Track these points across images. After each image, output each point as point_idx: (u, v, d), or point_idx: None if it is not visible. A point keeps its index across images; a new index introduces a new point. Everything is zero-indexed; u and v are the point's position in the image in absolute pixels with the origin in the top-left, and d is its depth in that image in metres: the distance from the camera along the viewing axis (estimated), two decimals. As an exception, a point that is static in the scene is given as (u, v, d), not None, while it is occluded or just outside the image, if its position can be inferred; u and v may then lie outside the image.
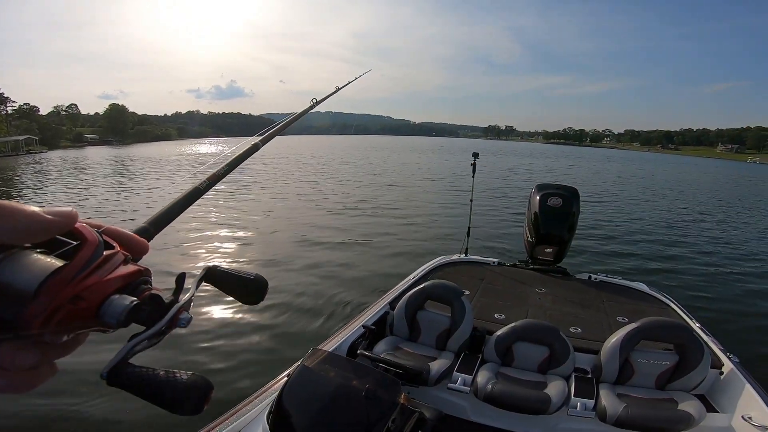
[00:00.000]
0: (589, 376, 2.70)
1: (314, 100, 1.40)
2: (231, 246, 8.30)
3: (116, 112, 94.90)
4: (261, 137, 0.91)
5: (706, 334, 3.11)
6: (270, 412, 1.82)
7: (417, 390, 2.58)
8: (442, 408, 2.14)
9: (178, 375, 0.36)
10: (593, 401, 2.44)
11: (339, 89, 1.66)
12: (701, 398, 2.57)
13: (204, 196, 0.64)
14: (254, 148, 0.85)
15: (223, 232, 9.31)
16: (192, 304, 0.41)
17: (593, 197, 17.38)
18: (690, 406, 2.36)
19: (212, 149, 59.17)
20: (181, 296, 0.41)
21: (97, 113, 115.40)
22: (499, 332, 2.86)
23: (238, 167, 0.75)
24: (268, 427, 1.75)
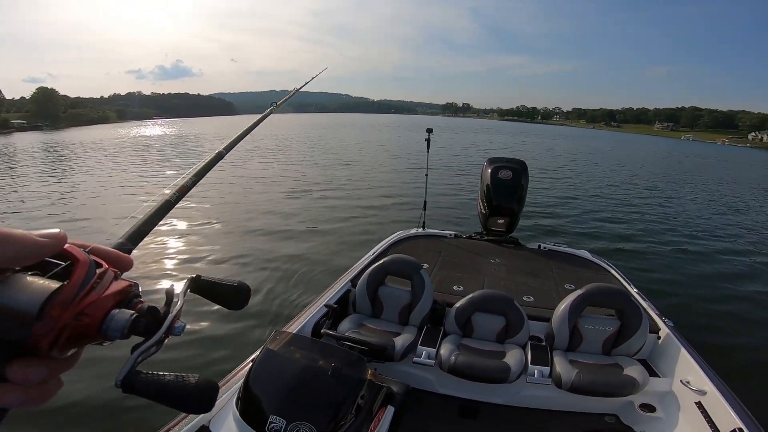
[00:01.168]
0: (543, 343, 2.85)
1: (274, 104, 1.48)
2: (189, 239, 7.84)
3: (44, 95, 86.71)
4: (224, 146, 0.96)
5: (644, 299, 3.29)
6: (238, 398, 1.79)
7: (383, 366, 2.63)
8: (409, 382, 2.20)
9: (186, 378, 0.41)
10: (549, 368, 2.58)
11: (298, 90, 1.81)
12: (643, 363, 2.74)
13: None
14: (218, 157, 0.90)
15: (180, 225, 8.78)
16: (181, 313, 0.44)
17: (545, 172, 18.28)
18: (634, 371, 2.54)
19: (156, 131, 55.14)
20: (171, 307, 0.44)
21: (23, 98, 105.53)
22: (458, 304, 2.93)
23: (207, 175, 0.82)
24: (237, 412, 1.73)
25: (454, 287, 3.45)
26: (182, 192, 0.72)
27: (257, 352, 1.94)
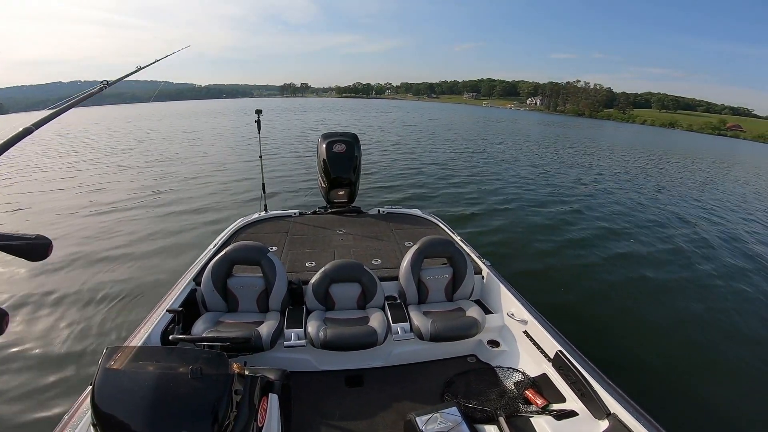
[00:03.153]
0: (398, 301, 3.06)
1: (105, 82, 1.39)
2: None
3: None
4: (34, 122, 0.83)
5: (465, 245, 3.76)
6: (94, 425, 1.52)
7: (256, 357, 2.56)
8: (287, 366, 2.15)
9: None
10: (408, 324, 2.79)
11: (141, 68, 1.78)
12: (478, 303, 3.14)
13: None
14: (25, 133, 0.77)
15: None
16: None
17: (380, 142, 19.78)
18: (474, 312, 2.89)
19: None
20: None
21: None
22: (313, 280, 2.96)
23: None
24: None
25: (306, 264, 3.48)
26: None
27: (95, 375, 1.63)
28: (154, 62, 1.94)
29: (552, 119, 77.22)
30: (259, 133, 4.83)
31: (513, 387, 2.53)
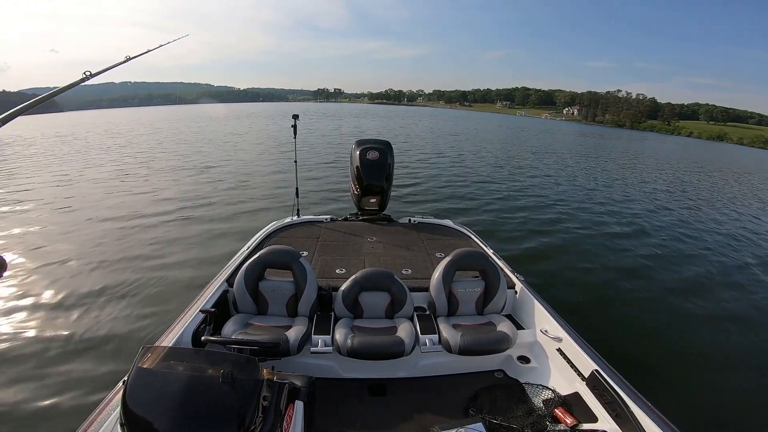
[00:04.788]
0: (427, 313, 3.01)
1: (88, 72, 1.27)
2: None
3: None
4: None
5: (499, 259, 3.67)
6: (122, 424, 1.53)
7: (281, 362, 2.54)
8: (312, 373, 2.14)
9: None
10: (437, 336, 2.74)
11: (130, 58, 1.60)
12: (510, 318, 3.08)
13: None
14: None
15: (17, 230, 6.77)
16: None
17: (416, 149, 19.70)
18: (505, 326, 2.81)
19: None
20: None
21: None
22: (343, 287, 2.94)
23: None
24: None
25: (336, 270, 3.46)
26: None
27: (128, 374, 1.65)
28: (147, 52, 1.90)
29: (591, 130, 74.67)
30: (294, 137, 4.87)
31: (542, 404, 2.45)
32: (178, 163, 15.19)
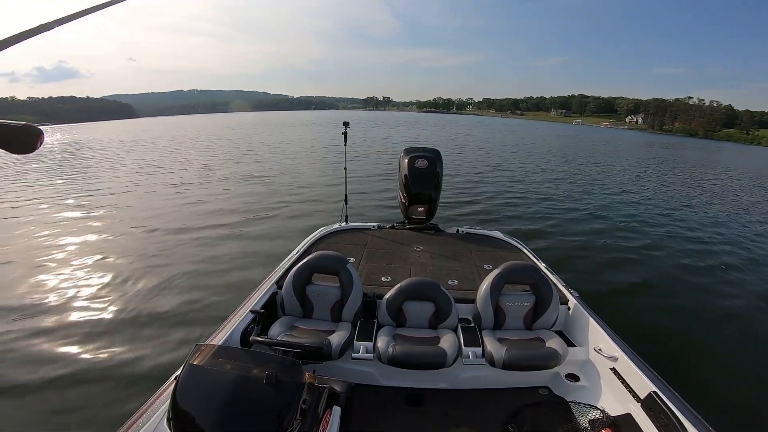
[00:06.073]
0: (472, 325, 2.94)
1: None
2: (94, 242, 6.86)
3: None
4: None
5: (551, 273, 3.52)
6: (169, 419, 1.62)
7: (322, 366, 2.57)
8: (351, 378, 2.12)
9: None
10: (481, 349, 2.67)
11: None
12: (560, 334, 2.94)
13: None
14: None
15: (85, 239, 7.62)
16: None
17: (469, 159, 19.38)
18: (554, 343, 2.70)
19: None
20: None
21: None
22: (388, 295, 2.93)
23: None
24: None
25: (382, 278, 3.46)
26: None
27: (180, 369, 1.75)
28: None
29: (660, 139, 69.02)
30: (345, 144, 4.95)
31: (587, 425, 2.35)
32: (231, 170, 16.09)
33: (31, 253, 6.63)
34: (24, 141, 0.49)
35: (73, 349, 4.05)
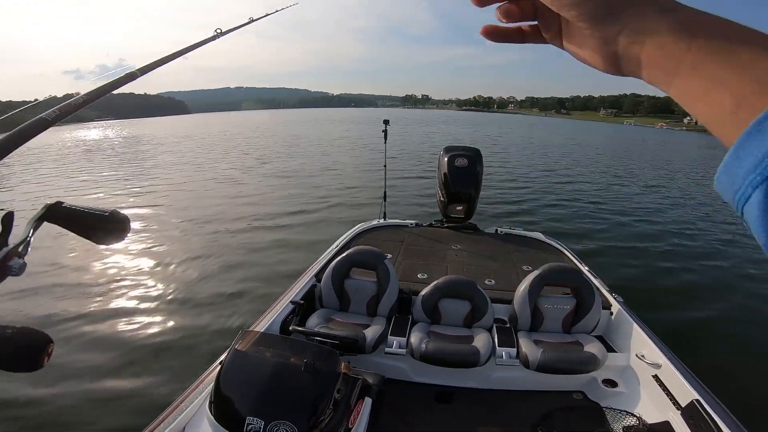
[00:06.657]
0: (508, 325, 2.91)
1: (218, 31, 1.22)
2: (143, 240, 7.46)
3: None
4: (53, 109, 0.60)
5: (594, 277, 3.41)
6: (211, 402, 1.73)
7: (356, 358, 2.60)
8: (383, 372, 2.17)
9: (5, 330, 0.32)
10: (515, 349, 2.64)
11: (253, 20, 1.56)
12: (600, 339, 2.87)
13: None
14: (41, 125, 0.56)
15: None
16: (29, 248, 0.36)
17: (512, 159, 18.91)
18: (593, 347, 2.64)
19: (94, 134, 51.15)
20: (10, 240, 0.35)
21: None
22: (423, 292, 2.95)
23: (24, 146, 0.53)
24: (212, 416, 1.68)
25: (418, 275, 3.48)
26: None
27: (225, 354, 1.88)
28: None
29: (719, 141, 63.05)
30: (385, 142, 5.01)
31: (621, 431, 2.32)
32: (273, 168, 16.70)
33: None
34: (110, 231, 0.43)
35: (127, 334, 4.36)
